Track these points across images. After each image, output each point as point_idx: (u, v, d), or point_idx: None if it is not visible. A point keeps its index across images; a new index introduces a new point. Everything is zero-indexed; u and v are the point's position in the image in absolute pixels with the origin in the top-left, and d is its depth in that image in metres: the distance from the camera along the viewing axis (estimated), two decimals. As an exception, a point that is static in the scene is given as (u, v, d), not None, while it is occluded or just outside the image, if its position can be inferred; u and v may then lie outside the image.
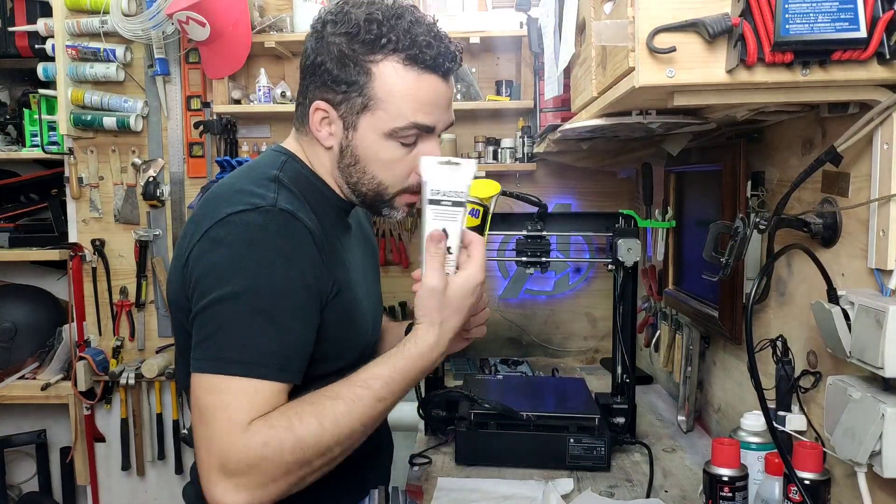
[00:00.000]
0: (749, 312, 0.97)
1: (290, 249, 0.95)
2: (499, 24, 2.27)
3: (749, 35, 0.77)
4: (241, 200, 0.96)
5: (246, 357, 0.90)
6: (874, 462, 0.87)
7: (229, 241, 0.93)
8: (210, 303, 0.92)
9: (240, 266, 0.92)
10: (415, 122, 1.02)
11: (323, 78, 1.02)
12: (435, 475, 1.41)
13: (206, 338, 0.92)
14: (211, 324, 0.92)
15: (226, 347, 0.90)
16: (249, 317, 0.91)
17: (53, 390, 2.46)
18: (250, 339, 0.91)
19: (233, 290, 0.91)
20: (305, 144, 1.10)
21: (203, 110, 2.49)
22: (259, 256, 0.92)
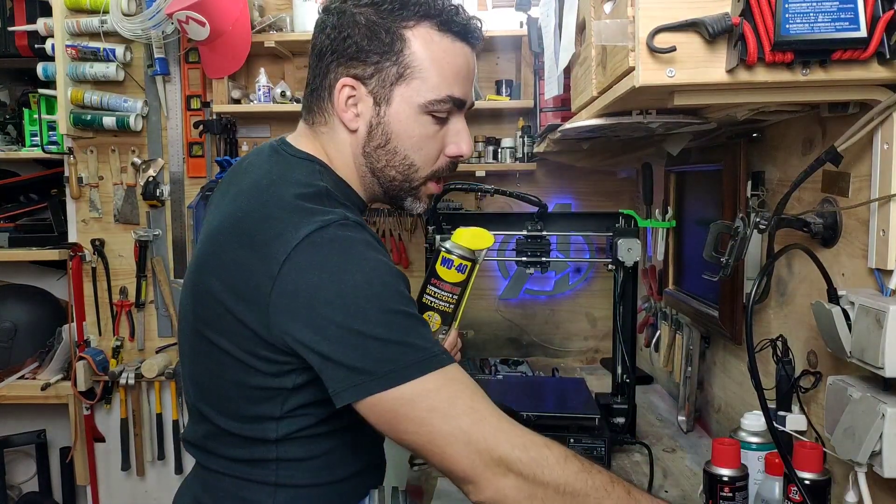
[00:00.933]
0: (749, 312, 0.97)
1: (379, 255, 0.88)
2: (499, 23, 2.26)
3: (749, 35, 0.77)
4: (305, 219, 0.86)
5: (420, 355, 0.83)
6: (874, 462, 0.87)
7: (321, 262, 0.83)
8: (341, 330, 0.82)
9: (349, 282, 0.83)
10: (451, 95, 0.97)
11: (349, 52, 0.95)
12: (435, 475, 1.41)
13: (359, 360, 0.82)
14: (358, 347, 0.82)
15: (395, 356, 0.83)
16: (390, 321, 0.83)
17: (53, 390, 2.46)
18: (408, 337, 0.84)
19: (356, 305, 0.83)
20: (325, 140, 1.01)
21: (203, 110, 2.49)
22: (362, 265, 0.85)
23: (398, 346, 0.83)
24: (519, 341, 2.53)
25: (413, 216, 2.45)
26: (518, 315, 2.52)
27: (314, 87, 1.01)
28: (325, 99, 0.99)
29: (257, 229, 0.87)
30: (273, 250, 0.84)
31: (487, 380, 1.80)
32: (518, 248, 1.64)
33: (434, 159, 1.02)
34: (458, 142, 1.02)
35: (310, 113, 1.03)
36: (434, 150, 1.01)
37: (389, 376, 0.82)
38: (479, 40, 1.01)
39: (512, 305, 2.52)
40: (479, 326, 2.51)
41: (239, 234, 0.89)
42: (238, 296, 0.87)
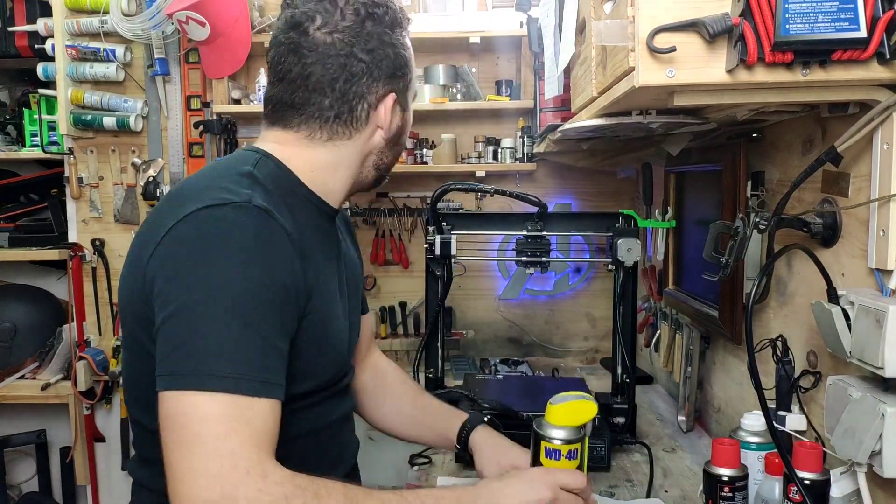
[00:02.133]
0: (749, 312, 0.97)
1: (265, 249, 0.84)
2: (499, 24, 2.27)
3: (749, 35, 0.77)
4: (209, 196, 0.85)
5: (233, 370, 0.77)
6: (874, 462, 0.87)
7: (198, 239, 0.82)
8: (179, 309, 0.79)
9: (212, 267, 0.80)
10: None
11: (384, 70, 1.00)
12: (435, 475, 1.41)
13: (177, 348, 0.78)
14: (184, 332, 0.78)
15: (207, 359, 0.77)
16: (227, 323, 0.78)
17: (53, 390, 2.46)
18: (235, 348, 0.78)
19: (207, 295, 0.79)
20: (328, 149, 1.01)
21: (203, 110, 2.49)
22: (233, 256, 0.81)
23: (215, 351, 0.77)
24: (519, 341, 2.53)
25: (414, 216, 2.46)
26: (518, 315, 2.52)
27: (338, 105, 0.99)
28: (359, 115, 1.01)
29: (164, 204, 0.92)
30: (166, 221, 0.85)
31: (487, 380, 1.80)
32: (518, 248, 1.64)
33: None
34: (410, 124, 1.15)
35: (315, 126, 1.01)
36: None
37: (186, 376, 0.76)
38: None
39: (512, 305, 2.52)
40: (479, 326, 2.51)
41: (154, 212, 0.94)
42: (141, 266, 0.87)
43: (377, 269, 2.54)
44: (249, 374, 0.78)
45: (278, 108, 1.01)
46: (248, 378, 0.78)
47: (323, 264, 1.00)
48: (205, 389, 0.76)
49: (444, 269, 1.62)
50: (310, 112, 1.00)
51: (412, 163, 2.37)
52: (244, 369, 0.78)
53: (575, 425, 0.95)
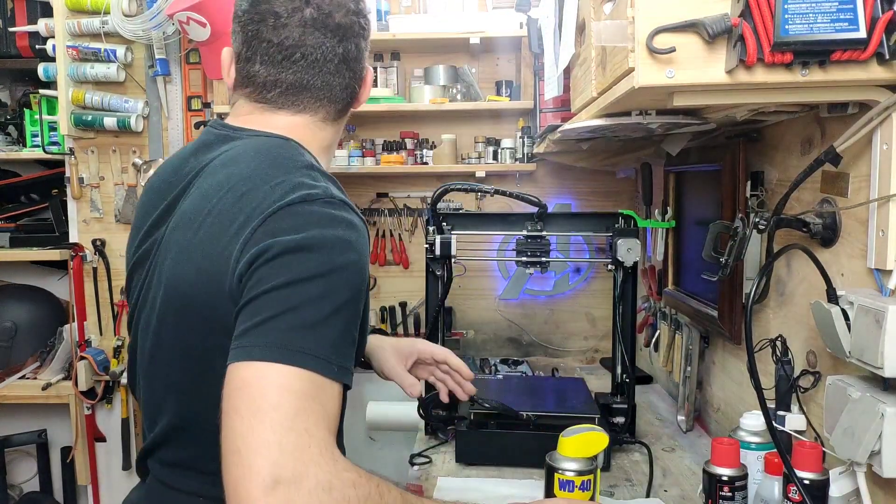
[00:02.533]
0: (749, 312, 0.97)
1: (359, 245, 0.85)
2: (499, 24, 2.27)
3: (748, 35, 0.77)
4: (295, 187, 0.84)
5: (316, 350, 0.76)
6: (873, 462, 0.87)
7: (305, 228, 0.81)
8: (275, 287, 0.78)
9: (310, 253, 0.80)
10: None
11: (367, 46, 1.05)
12: (435, 475, 1.41)
13: (270, 320, 0.76)
14: (277, 307, 0.77)
15: (298, 335, 0.76)
16: (320, 306, 0.78)
17: (54, 390, 2.47)
18: (321, 330, 0.78)
19: (309, 274, 0.78)
20: (329, 134, 1.04)
21: (204, 110, 2.49)
22: (336, 247, 0.81)
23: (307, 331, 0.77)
24: (519, 341, 2.53)
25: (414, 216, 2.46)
26: (518, 315, 2.52)
27: (343, 87, 1.02)
28: (356, 93, 1.06)
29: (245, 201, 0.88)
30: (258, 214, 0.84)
31: (487, 380, 1.80)
32: (518, 248, 1.64)
33: None
34: None
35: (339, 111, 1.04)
36: None
37: (274, 348, 0.75)
38: None
39: (512, 305, 2.52)
40: (479, 326, 2.51)
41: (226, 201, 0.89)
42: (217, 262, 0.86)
43: (377, 269, 2.54)
44: (331, 358, 0.78)
45: (290, 90, 0.98)
46: (329, 361, 0.77)
47: None
48: (293, 364, 0.75)
49: (445, 269, 1.62)
50: (328, 92, 1.00)
51: (412, 163, 2.38)
52: (329, 352, 0.78)
53: (587, 456, 0.97)
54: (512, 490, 1.33)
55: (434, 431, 1.62)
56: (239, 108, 1.02)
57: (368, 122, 2.49)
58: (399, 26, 2.30)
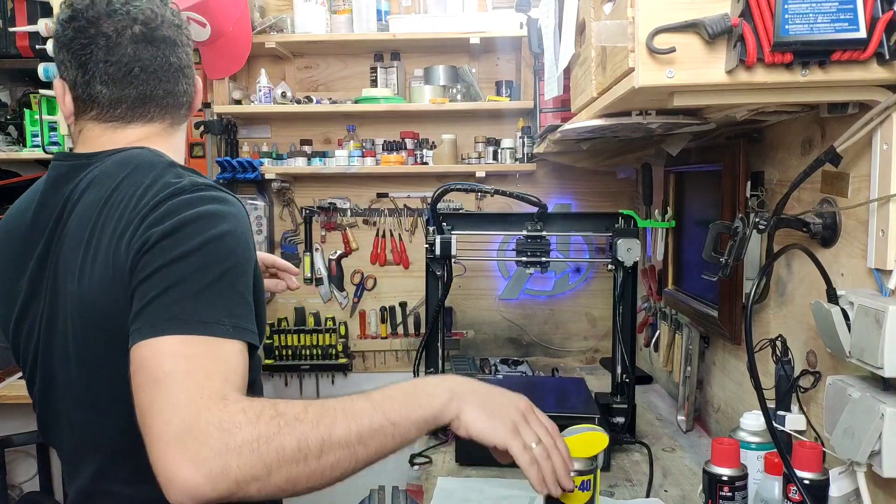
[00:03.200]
0: (749, 312, 0.97)
1: (234, 215, 0.90)
2: (499, 24, 2.27)
3: (748, 35, 0.77)
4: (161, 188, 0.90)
5: (205, 315, 0.81)
6: (873, 462, 0.87)
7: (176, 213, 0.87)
8: (159, 266, 0.83)
9: (191, 231, 0.85)
10: None
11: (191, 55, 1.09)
12: (435, 475, 1.41)
13: (153, 299, 0.82)
14: (160, 285, 0.82)
15: (180, 306, 0.81)
16: (202, 275, 0.84)
17: (54, 390, 2.46)
18: (206, 296, 0.83)
19: (185, 251, 0.84)
20: (175, 139, 1.09)
21: (204, 111, 2.49)
22: (208, 220, 0.87)
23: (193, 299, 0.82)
24: (519, 341, 2.53)
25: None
26: (518, 315, 2.52)
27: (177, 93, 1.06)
28: (192, 99, 1.10)
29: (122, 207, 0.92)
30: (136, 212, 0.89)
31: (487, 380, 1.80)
32: (518, 248, 1.64)
33: None
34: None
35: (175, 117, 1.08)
36: None
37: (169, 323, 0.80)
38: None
39: (512, 305, 2.52)
40: (479, 326, 2.51)
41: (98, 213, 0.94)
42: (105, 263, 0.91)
43: (377, 269, 2.54)
44: (222, 320, 0.82)
45: (137, 104, 1.03)
46: (219, 322, 0.82)
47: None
48: (181, 332, 0.80)
49: (445, 269, 1.62)
50: (172, 100, 1.06)
51: (412, 163, 2.38)
52: (219, 314, 0.83)
53: (587, 456, 0.98)
54: (512, 490, 1.33)
55: (434, 431, 1.62)
56: (87, 133, 1.04)
57: (368, 122, 2.49)
58: (399, 26, 2.30)
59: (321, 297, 2.56)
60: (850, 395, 0.91)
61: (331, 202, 2.51)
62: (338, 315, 2.55)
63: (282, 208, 2.55)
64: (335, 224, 2.53)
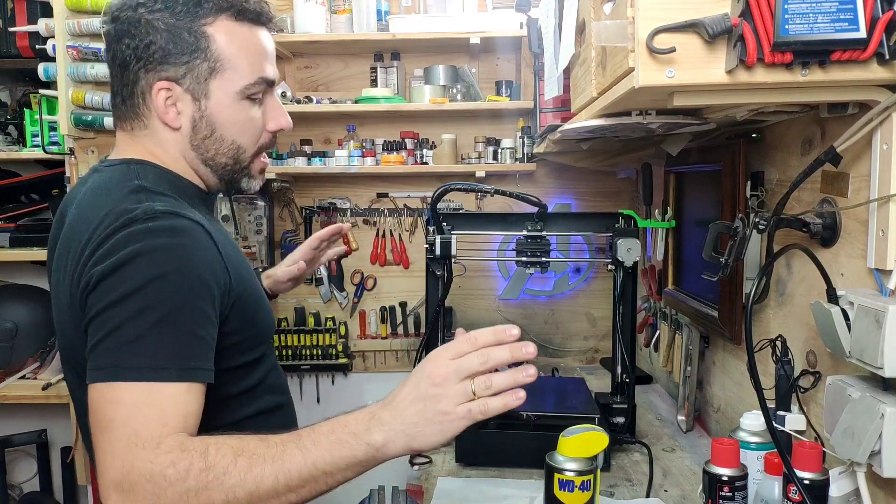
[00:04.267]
0: (749, 312, 0.97)
1: (183, 247, 0.89)
2: (499, 24, 2.27)
3: (748, 35, 0.77)
4: (115, 217, 0.89)
5: (144, 361, 0.82)
6: (873, 462, 0.87)
7: (118, 250, 0.86)
8: (99, 312, 0.85)
9: (129, 276, 0.85)
10: (263, 77, 1.05)
11: (156, 58, 0.98)
12: (435, 475, 1.41)
13: (98, 343, 0.84)
14: (103, 329, 0.84)
15: (121, 352, 0.83)
16: (142, 318, 0.84)
17: (54, 390, 2.46)
18: (146, 341, 0.83)
19: (124, 293, 0.84)
20: (148, 141, 1.04)
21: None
22: (149, 258, 0.86)
23: (136, 347, 0.83)
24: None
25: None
26: (518, 315, 2.52)
27: (125, 96, 1.03)
28: (139, 105, 1.02)
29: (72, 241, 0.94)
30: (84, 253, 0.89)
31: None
32: (518, 248, 1.64)
33: (257, 138, 1.09)
34: (278, 117, 1.10)
35: (126, 120, 1.05)
36: (256, 130, 1.08)
37: (108, 369, 0.82)
38: (272, 20, 1.10)
39: (512, 305, 2.52)
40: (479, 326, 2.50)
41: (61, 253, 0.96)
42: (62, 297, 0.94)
43: (377, 269, 2.54)
44: (166, 363, 0.83)
45: (114, 107, 1.06)
46: (164, 367, 0.83)
47: (230, 242, 1.06)
48: (121, 379, 0.82)
49: (445, 269, 1.62)
50: (119, 100, 1.04)
51: (412, 163, 2.38)
52: (160, 359, 0.83)
53: (587, 456, 0.98)
54: (512, 490, 1.33)
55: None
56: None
57: (368, 122, 2.50)
58: (399, 26, 2.30)
59: (321, 297, 2.56)
60: (850, 395, 0.91)
61: (331, 202, 2.51)
62: (338, 315, 2.55)
63: (282, 208, 2.55)
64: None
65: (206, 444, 0.81)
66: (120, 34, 1.00)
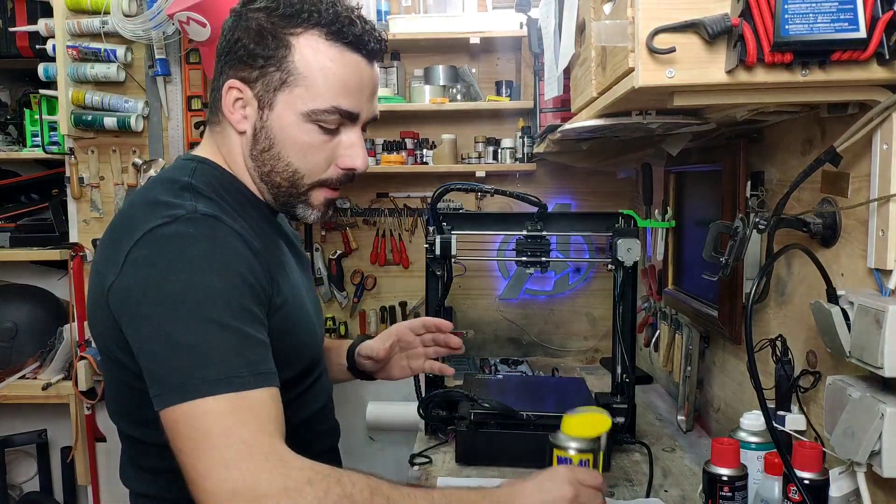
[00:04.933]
0: (749, 312, 0.97)
1: (221, 253, 0.86)
2: (499, 24, 2.27)
3: (748, 35, 0.77)
4: (157, 214, 0.87)
5: (220, 372, 0.79)
6: (873, 462, 0.87)
7: (153, 258, 0.84)
8: (153, 331, 0.81)
9: (172, 283, 0.82)
10: (336, 107, 0.95)
11: (238, 55, 0.96)
12: (435, 475, 1.41)
13: (162, 366, 0.80)
14: (164, 351, 0.80)
15: (193, 370, 0.79)
16: (202, 329, 0.80)
17: (54, 390, 2.46)
18: (215, 352, 0.80)
19: (173, 308, 0.81)
20: (219, 140, 1.02)
21: (204, 110, 2.49)
22: (192, 266, 0.83)
23: (199, 358, 0.79)
24: (519, 341, 2.53)
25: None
26: (518, 315, 2.52)
27: (214, 89, 1.01)
28: (219, 101, 1.00)
29: (116, 228, 0.92)
30: (123, 246, 0.86)
31: (487, 379, 1.81)
32: (518, 248, 1.64)
33: (322, 169, 1.00)
34: (353, 156, 1.00)
35: (211, 115, 1.04)
36: (321, 160, 0.99)
37: (178, 390, 0.78)
38: (375, 52, 0.99)
39: (512, 305, 2.52)
40: (479, 326, 2.51)
41: (107, 236, 0.94)
42: (103, 293, 0.88)
43: (377, 269, 2.54)
44: (238, 371, 0.79)
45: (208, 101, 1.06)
46: (237, 375, 0.79)
47: (280, 257, 1.02)
48: (201, 396, 0.77)
49: (445, 269, 1.62)
50: (209, 98, 1.04)
51: (412, 163, 2.38)
52: (231, 368, 0.79)
53: (587, 437, 0.97)
54: (512, 490, 1.33)
55: (434, 431, 1.62)
56: None
57: (368, 122, 2.49)
58: (399, 26, 2.30)
59: (321, 296, 2.56)
60: (850, 395, 0.91)
61: (331, 202, 2.51)
62: (338, 315, 2.55)
63: (282, 208, 2.55)
64: (335, 224, 2.53)
65: (337, 471, 0.79)
66: (225, 28, 0.98)
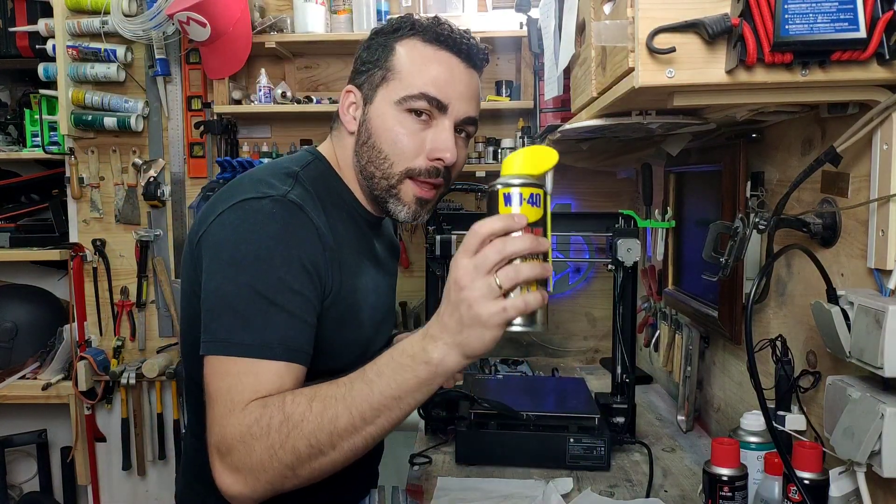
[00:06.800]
0: (749, 312, 0.97)
1: (293, 237, 0.95)
2: (499, 24, 2.27)
3: (748, 35, 0.77)
4: (255, 189, 0.98)
5: (249, 338, 0.90)
6: (873, 462, 0.87)
7: (236, 224, 0.95)
8: (217, 287, 0.93)
9: (243, 249, 0.93)
10: (424, 93, 1.05)
11: (356, 67, 1.13)
12: (435, 475, 1.41)
13: (211, 320, 0.92)
14: (216, 306, 0.92)
15: (229, 329, 0.90)
16: (251, 299, 0.91)
17: (54, 390, 2.47)
18: (253, 320, 0.91)
19: (235, 273, 0.92)
20: (336, 141, 1.15)
21: (204, 110, 2.50)
22: (261, 241, 0.94)
23: (244, 324, 0.90)
24: (519, 341, 2.53)
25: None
26: (518, 315, 2.52)
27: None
28: (341, 108, 1.15)
29: (222, 192, 1.03)
30: (219, 207, 0.99)
31: (487, 379, 1.80)
32: (518, 249, 1.63)
33: (411, 156, 1.07)
34: (441, 146, 1.07)
35: (335, 117, 1.18)
36: (411, 147, 1.07)
37: (220, 343, 0.90)
38: (469, 55, 1.12)
39: (512, 305, 2.52)
40: (480, 326, 2.50)
41: (213, 198, 1.05)
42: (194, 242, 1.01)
43: (377, 269, 2.54)
44: (271, 343, 0.90)
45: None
46: (269, 346, 0.90)
47: (356, 260, 1.10)
48: (230, 355, 0.90)
49: (445, 269, 1.62)
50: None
51: (412, 163, 2.37)
52: (267, 338, 0.90)
53: (536, 172, 0.82)
54: (512, 490, 1.33)
55: (434, 431, 1.62)
56: None
57: (368, 122, 2.49)
58: (399, 26, 2.30)
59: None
60: (850, 395, 0.91)
61: (331, 202, 2.51)
62: (338, 315, 2.55)
63: (282, 208, 2.55)
64: (335, 224, 2.53)
65: (283, 397, 0.87)
66: (365, 45, 1.14)
